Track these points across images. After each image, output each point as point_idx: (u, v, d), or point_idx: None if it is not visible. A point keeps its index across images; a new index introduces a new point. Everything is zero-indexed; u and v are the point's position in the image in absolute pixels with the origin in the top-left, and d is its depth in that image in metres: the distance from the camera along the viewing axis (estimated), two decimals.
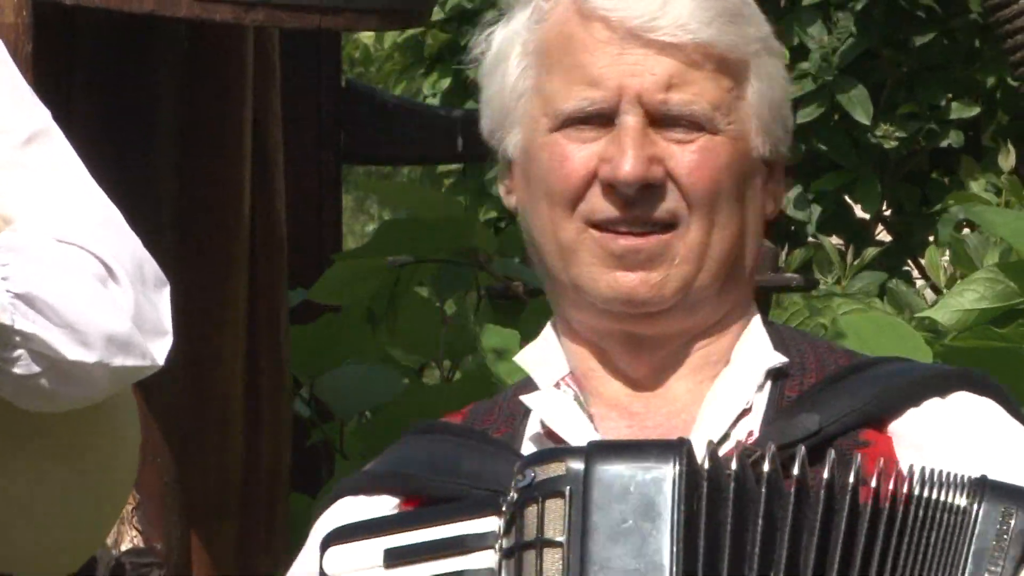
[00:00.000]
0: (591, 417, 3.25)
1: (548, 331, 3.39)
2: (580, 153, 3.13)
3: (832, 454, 2.99)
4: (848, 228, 9.01)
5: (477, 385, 5.83)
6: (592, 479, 2.91)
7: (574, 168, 3.15)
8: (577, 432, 3.21)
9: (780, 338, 3.37)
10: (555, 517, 2.88)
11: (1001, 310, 5.60)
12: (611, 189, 3.11)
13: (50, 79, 4.97)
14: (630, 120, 3.09)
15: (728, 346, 3.31)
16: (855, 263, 7.94)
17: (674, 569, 2.86)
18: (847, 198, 8.78)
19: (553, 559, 2.88)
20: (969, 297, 5.76)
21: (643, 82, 3.12)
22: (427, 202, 5.92)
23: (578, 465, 2.90)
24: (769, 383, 3.24)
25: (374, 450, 3.89)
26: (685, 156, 3.11)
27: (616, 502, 2.91)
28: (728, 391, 3.27)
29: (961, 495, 2.90)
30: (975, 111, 7.93)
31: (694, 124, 3.10)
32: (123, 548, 5.05)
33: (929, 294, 7.34)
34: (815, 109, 8.67)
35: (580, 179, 3.12)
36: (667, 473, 2.89)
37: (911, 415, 3.18)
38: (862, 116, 7.94)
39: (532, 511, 2.88)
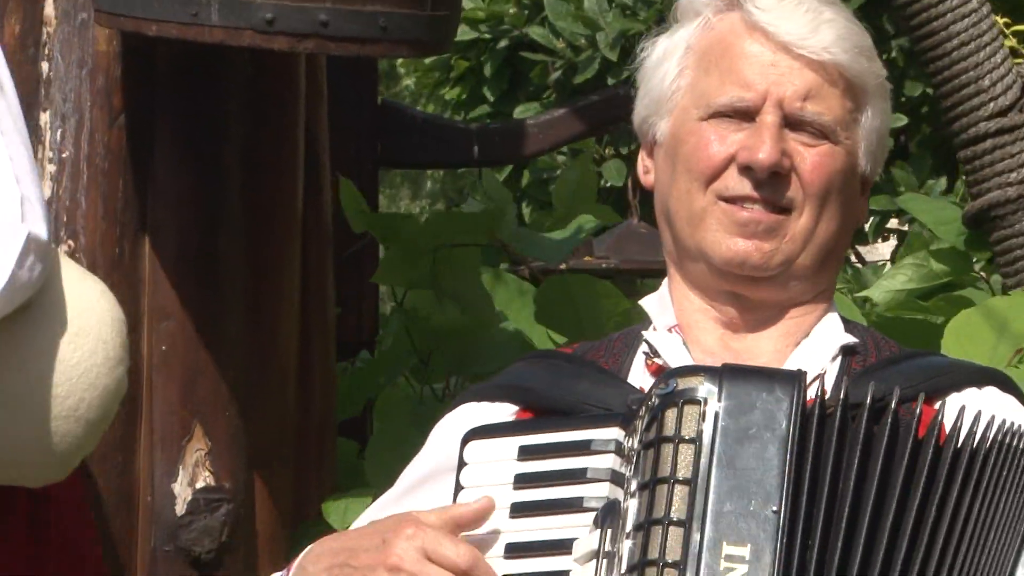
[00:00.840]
0: (693, 360, 3.40)
1: (663, 289, 3.56)
2: (724, 141, 3.33)
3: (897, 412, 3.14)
4: None
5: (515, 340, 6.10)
6: (724, 392, 3.03)
7: (717, 151, 3.33)
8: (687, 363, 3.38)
9: (848, 324, 3.55)
10: (691, 420, 3.02)
11: (925, 290, 5.64)
12: (747, 171, 3.30)
13: (136, 97, 4.99)
14: (770, 119, 3.30)
15: (812, 322, 3.49)
16: None
17: (786, 473, 3.02)
18: None
19: (687, 454, 3.01)
20: (899, 279, 5.86)
21: (786, 90, 3.33)
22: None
23: (713, 380, 3.05)
24: (840, 357, 3.43)
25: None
26: (809, 156, 3.31)
27: (744, 413, 3.06)
28: (807, 357, 3.41)
29: None
30: (904, 121, 7.74)
31: (820, 132, 3.33)
32: (198, 486, 4.94)
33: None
34: None
35: (720, 161, 3.32)
36: (788, 394, 3.05)
37: (953, 398, 3.32)
38: None
39: (671, 413, 3.02)
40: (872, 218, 8.52)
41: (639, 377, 3.40)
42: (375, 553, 3.16)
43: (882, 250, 8.14)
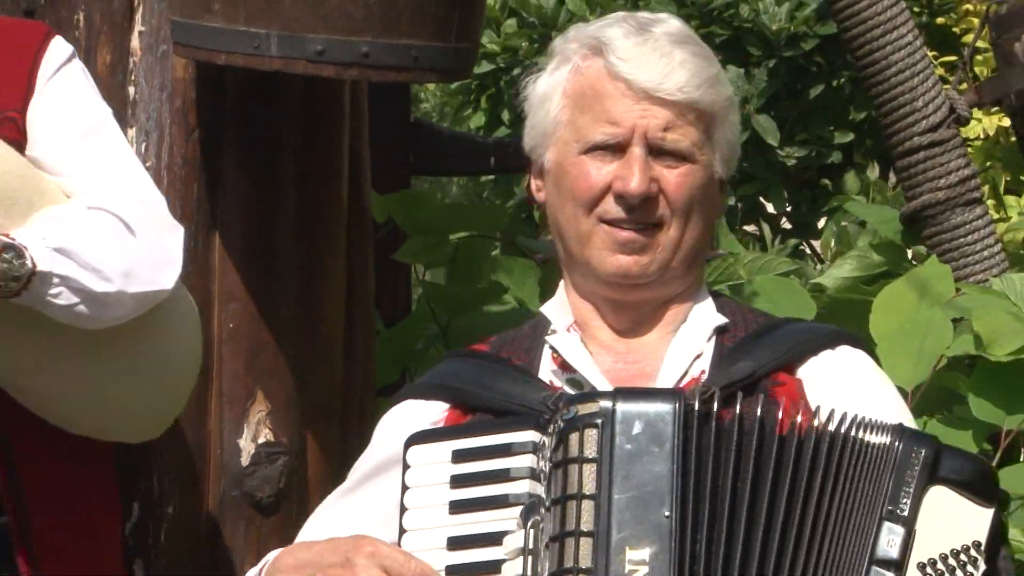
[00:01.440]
0: (591, 354, 3.61)
1: (560, 292, 3.73)
2: (600, 172, 3.49)
3: (761, 396, 3.41)
4: (762, 220, 8.77)
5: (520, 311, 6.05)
6: (617, 415, 3.19)
7: (595, 182, 3.50)
8: (583, 365, 3.58)
9: (721, 304, 3.73)
10: (591, 441, 3.20)
11: (868, 277, 5.76)
12: (621, 198, 3.47)
13: (207, 116, 5.04)
14: (637, 151, 3.46)
15: (687, 310, 3.65)
16: (777, 248, 8.10)
17: (673, 482, 3.17)
18: (761, 199, 8.79)
19: (590, 471, 3.19)
20: (846, 268, 5.95)
21: (648, 124, 3.47)
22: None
23: (607, 404, 3.21)
24: (715, 336, 3.61)
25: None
26: (672, 177, 3.48)
27: (634, 430, 3.20)
28: (686, 341, 3.61)
29: (884, 435, 3.23)
30: (850, 137, 7.89)
31: (680, 156, 3.49)
32: (259, 442, 5.08)
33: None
34: (740, 136, 8.47)
35: (599, 190, 3.49)
36: (671, 412, 3.20)
37: (812, 362, 3.57)
38: (772, 140, 7.93)
39: (575, 437, 3.20)
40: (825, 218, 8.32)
41: (547, 371, 3.63)
42: (340, 569, 3.31)
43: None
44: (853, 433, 3.23)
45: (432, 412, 3.57)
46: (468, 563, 3.32)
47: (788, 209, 8.63)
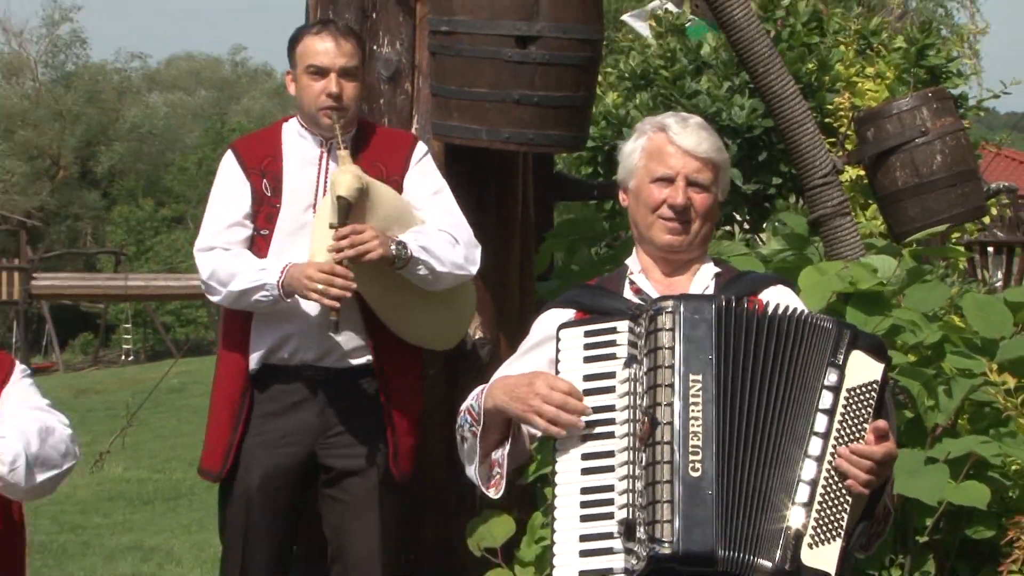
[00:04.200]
0: (651, 284, 3.56)
1: (634, 254, 3.65)
2: (661, 192, 3.50)
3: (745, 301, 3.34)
4: (734, 224, 8.35)
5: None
6: (682, 306, 3.19)
7: (658, 197, 3.51)
8: (649, 289, 3.56)
9: (717, 263, 3.67)
10: (668, 320, 3.17)
11: (788, 251, 5.61)
12: (672, 207, 3.50)
13: (452, 171, 4.94)
14: (680, 183, 3.49)
15: (700, 266, 3.61)
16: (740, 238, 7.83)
17: (713, 339, 3.16)
18: (733, 213, 8.17)
19: (668, 336, 3.15)
20: (776, 246, 5.74)
21: (688, 169, 3.49)
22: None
23: (677, 301, 3.21)
24: (713, 279, 3.57)
25: None
26: (698, 198, 3.51)
27: (691, 314, 3.18)
28: (700, 280, 3.58)
29: (828, 323, 3.20)
30: (780, 180, 7.59)
31: (702, 187, 3.52)
32: (476, 337, 5.15)
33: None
34: None
35: (658, 202, 3.50)
36: (710, 303, 3.21)
37: (765, 292, 3.53)
38: (738, 181, 7.61)
39: (660, 318, 3.18)
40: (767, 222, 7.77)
41: (628, 293, 3.57)
42: (526, 387, 3.28)
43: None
44: (811, 320, 3.23)
45: (566, 315, 3.53)
46: (594, 388, 3.29)
47: (747, 218, 8.21)
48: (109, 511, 13.24)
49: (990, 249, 13.26)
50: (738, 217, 8.45)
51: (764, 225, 7.07)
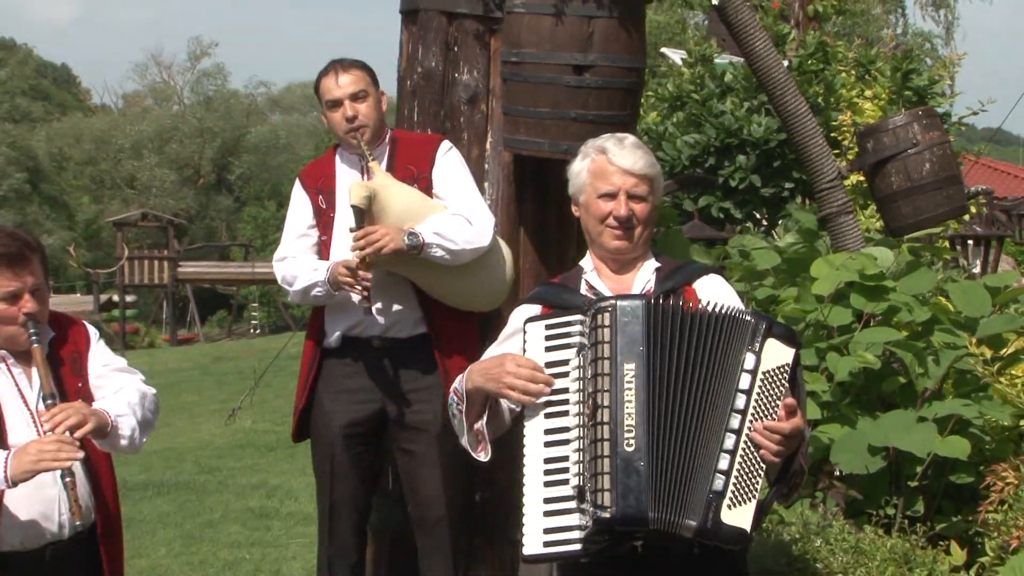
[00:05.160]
0: (602, 281, 3.48)
1: (588, 256, 3.58)
2: (607, 205, 3.41)
3: (676, 294, 3.34)
4: (753, 222, 8.18)
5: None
6: (618, 305, 3.13)
7: (604, 210, 3.42)
8: (600, 286, 3.47)
9: (659, 258, 3.54)
10: (607, 317, 3.12)
11: (800, 244, 5.55)
12: (616, 218, 3.40)
13: (519, 179, 4.97)
14: (622, 196, 3.40)
15: (643, 262, 3.50)
16: (758, 233, 7.76)
17: (644, 333, 3.11)
18: (754, 212, 8.05)
19: (606, 331, 3.10)
20: (789, 240, 5.75)
21: (627, 185, 3.40)
22: None
23: (613, 301, 3.15)
24: (654, 274, 3.46)
25: None
26: (638, 207, 3.40)
27: (626, 313, 3.13)
28: (643, 275, 3.47)
29: (748, 316, 3.13)
30: (793, 184, 7.58)
31: (641, 198, 3.41)
32: None
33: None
34: (744, 182, 8.04)
35: (605, 214, 3.41)
36: (641, 301, 3.14)
37: (698, 282, 3.45)
38: (758, 184, 7.65)
39: (600, 316, 3.12)
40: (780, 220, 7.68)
41: (584, 290, 3.48)
42: (498, 368, 3.26)
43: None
44: (734, 313, 3.17)
45: (534, 310, 3.44)
46: (553, 372, 3.23)
47: (765, 216, 8.04)
48: (240, 456, 13.37)
49: (970, 242, 13.17)
50: (757, 216, 8.28)
51: (779, 222, 6.96)
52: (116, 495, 3.79)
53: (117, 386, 3.66)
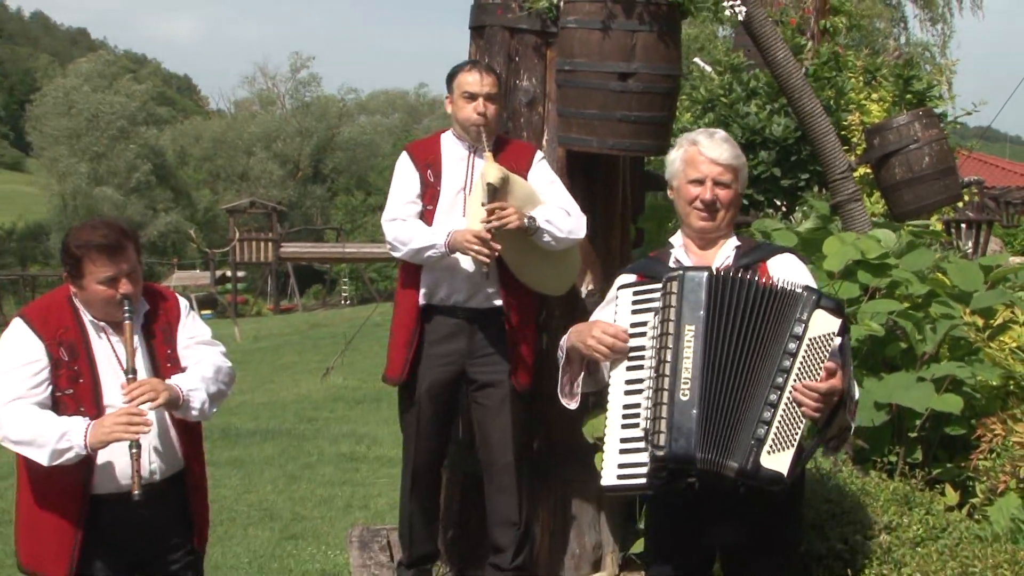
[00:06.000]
0: (688, 257, 3.44)
1: (678, 233, 3.54)
2: (695, 190, 3.40)
3: (751, 271, 3.20)
4: (774, 209, 8.48)
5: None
6: (686, 276, 3.11)
7: (692, 195, 3.41)
8: (685, 260, 3.44)
9: (739, 237, 3.49)
10: (675, 287, 3.10)
11: (817, 227, 5.43)
12: (703, 200, 3.40)
13: (572, 170, 4.84)
14: (709, 183, 3.39)
15: (725, 240, 3.45)
16: (779, 218, 7.80)
17: (705, 299, 3.08)
18: (775, 200, 7.76)
19: (673, 299, 3.09)
20: (807, 224, 5.49)
21: (713, 173, 3.40)
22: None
23: (682, 273, 3.13)
24: (734, 251, 3.42)
25: None
26: (722, 193, 3.39)
27: (691, 281, 3.10)
28: (724, 252, 3.42)
29: (799, 289, 3.07)
30: (808, 175, 7.51)
31: (725, 185, 3.40)
32: (588, 288, 4.93)
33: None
34: (766, 174, 8.09)
35: (693, 197, 3.40)
36: (705, 272, 3.11)
37: (772, 259, 3.39)
38: (777, 174, 7.38)
39: (671, 285, 3.11)
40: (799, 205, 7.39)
41: (673, 262, 3.45)
42: (587, 332, 3.26)
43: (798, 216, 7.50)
44: (787, 287, 3.11)
45: (631, 278, 3.43)
46: (636, 332, 3.23)
47: (785, 203, 7.79)
48: (333, 408, 13.53)
49: (963, 225, 13.01)
50: (777, 203, 8.19)
51: (796, 208, 6.88)
52: (201, 447, 3.76)
53: (197, 359, 3.62)
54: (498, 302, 4.56)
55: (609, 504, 4.99)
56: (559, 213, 4.48)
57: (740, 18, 4.92)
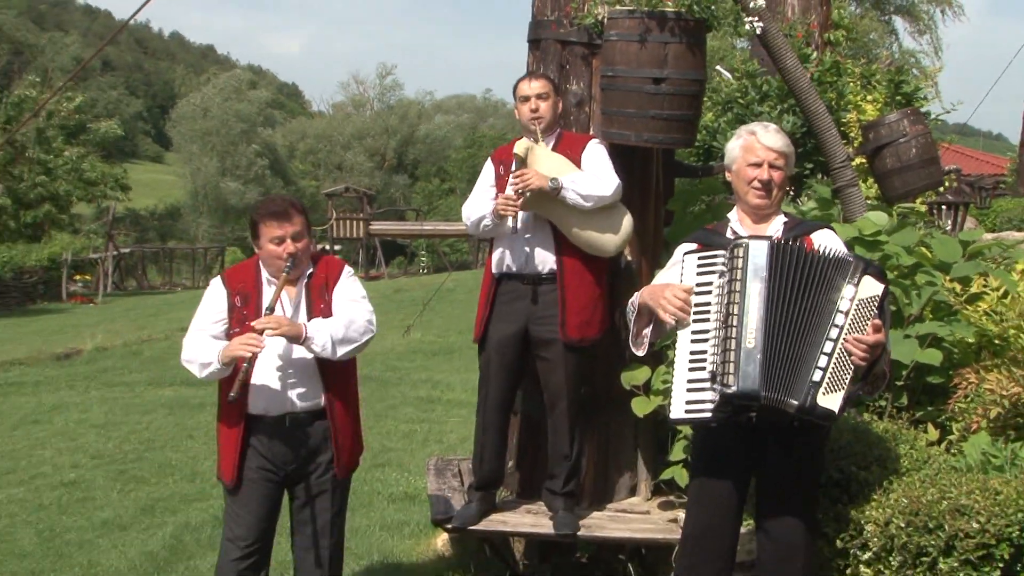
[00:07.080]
0: (744, 229, 3.39)
1: (735, 209, 3.49)
2: (752, 172, 3.35)
3: (799, 240, 3.21)
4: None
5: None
6: (750, 244, 3.11)
7: (750, 175, 3.36)
8: (741, 232, 3.37)
9: (787, 215, 3.45)
10: (742, 252, 3.09)
11: (820, 208, 5.29)
12: (760, 180, 3.35)
13: (616, 161, 4.57)
14: (767, 166, 3.35)
15: (775, 216, 3.41)
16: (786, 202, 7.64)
17: (768, 265, 3.05)
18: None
19: (740, 263, 3.08)
20: (810, 206, 5.34)
21: (769, 158, 3.35)
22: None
23: (747, 241, 3.12)
24: (783, 225, 3.38)
25: None
26: (775, 175, 3.35)
27: (754, 249, 3.09)
28: (774, 226, 3.37)
29: (851, 257, 3.09)
30: (812, 165, 7.46)
31: (778, 168, 3.36)
32: (627, 259, 4.81)
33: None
34: None
35: (751, 178, 3.35)
36: (768, 241, 3.11)
37: (815, 233, 3.35)
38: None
39: (736, 250, 3.11)
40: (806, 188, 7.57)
41: (730, 233, 3.39)
42: (659, 293, 3.22)
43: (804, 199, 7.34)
44: (839, 255, 3.09)
45: (691, 246, 3.36)
46: (701, 291, 3.19)
47: (792, 189, 7.92)
48: (413, 359, 13.64)
49: (944, 207, 12.80)
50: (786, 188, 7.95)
51: (802, 193, 6.80)
52: (348, 390, 3.78)
53: (340, 312, 3.63)
54: (551, 268, 4.47)
55: (643, 442, 4.98)
56: (586, 177, 4.37)
57: (758, 32, 4.87)
